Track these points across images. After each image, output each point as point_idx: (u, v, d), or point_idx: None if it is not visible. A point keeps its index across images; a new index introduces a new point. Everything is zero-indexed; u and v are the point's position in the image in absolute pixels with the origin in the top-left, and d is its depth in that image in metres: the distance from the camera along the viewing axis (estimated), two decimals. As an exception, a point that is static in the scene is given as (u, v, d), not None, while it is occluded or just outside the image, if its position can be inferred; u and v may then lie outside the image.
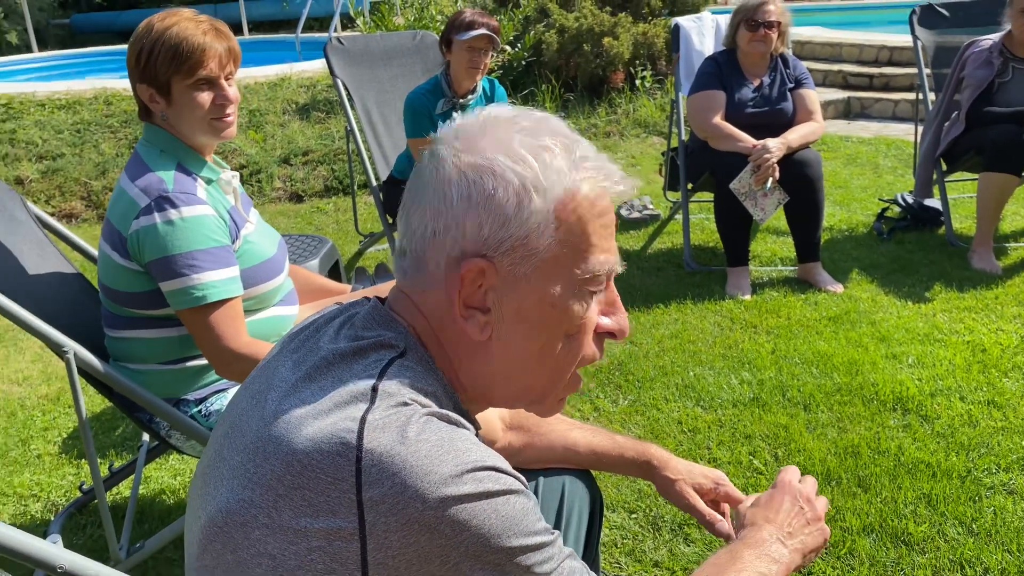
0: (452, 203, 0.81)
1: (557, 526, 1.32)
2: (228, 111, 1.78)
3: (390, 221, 3.74)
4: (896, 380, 2.74)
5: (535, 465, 1.35)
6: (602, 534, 2.05)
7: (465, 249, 0.81)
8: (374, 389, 0.78)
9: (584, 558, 1.36)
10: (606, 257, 0.85)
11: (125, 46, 1.74)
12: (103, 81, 7.01)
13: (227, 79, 1.77)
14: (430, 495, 0.72)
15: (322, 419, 0.76)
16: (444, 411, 0.80)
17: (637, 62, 6.76)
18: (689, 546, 2.04)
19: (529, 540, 0.78)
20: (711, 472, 1.33)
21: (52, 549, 1.01)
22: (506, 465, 0.79)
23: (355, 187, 4.73)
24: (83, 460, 2.55)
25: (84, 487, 2.28)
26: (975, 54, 3.87)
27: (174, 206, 1.67)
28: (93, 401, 2.86)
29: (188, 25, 1.70)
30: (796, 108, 3.70)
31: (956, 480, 2.22)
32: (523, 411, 1.38)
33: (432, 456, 0.73)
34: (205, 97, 1.73)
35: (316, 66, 7.32)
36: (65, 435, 2.71)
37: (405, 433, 0.74)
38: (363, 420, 0.75)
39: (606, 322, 0.90)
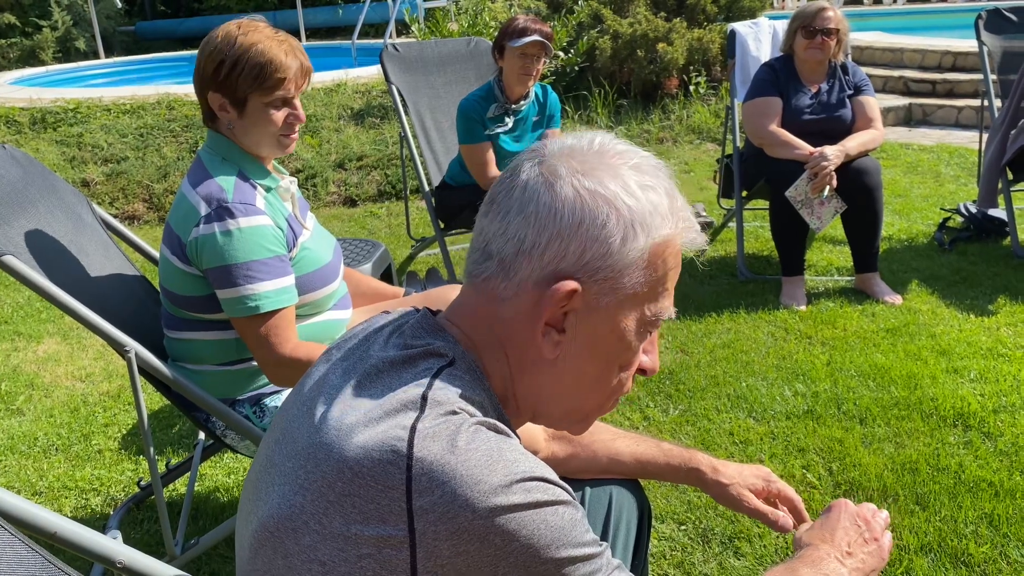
0: (562, 221, 0.82)
1: (604, 536, 1.30)
2: (296, 128, 1.84)
3: (442, 226, 3.77)
4: (957, 395, 2.67)
5: (581, 475, 1.35)
6: (651, 545, 2.03)
7: (562, 268, 0.82)
8: (424, 397, 0.79)
9: (632, 569, 1.35)
10: (669, 302, 0.89)
11: (188, 52, 1.79)
12: (166, 87, 7.21)
13: (297, 97, 1.82)
14: (480, 504, 0.72)
15: (373, 427, 0.77)
16: (491, 420, 0.81)
17: (691, 68, 6.70)
18: (740, 560, 2.01)
19: (578, 551, 0.77)
20: (758, 470, 1.31)
21: (113, 544, 1.03)
22: (554, 475, 0.79)
23: (407, 192, 4.77)
24: (141, 456, 2.61)
25: (142, 483, 2.34)
26: (1044, 60, 3.75)
27: (232, 216, 1.70)
28: (152, 399, 2.93)
29: (272, 44, 1.74)
30: (855, 115, 3.62)
31: (1020, 500, 2.15)
32: None
33: (482, 465, 0.74)
34: (279, 115, 1.78)
35: (371, 72, 7.41)
36: (125, 431, 2.78)
37: (455, 442, 0.75)
38: (413, 428, 0.75)
39: (645, 360, 0.93)
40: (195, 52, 1.84)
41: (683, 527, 2.13)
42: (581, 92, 6.81)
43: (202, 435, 2.39)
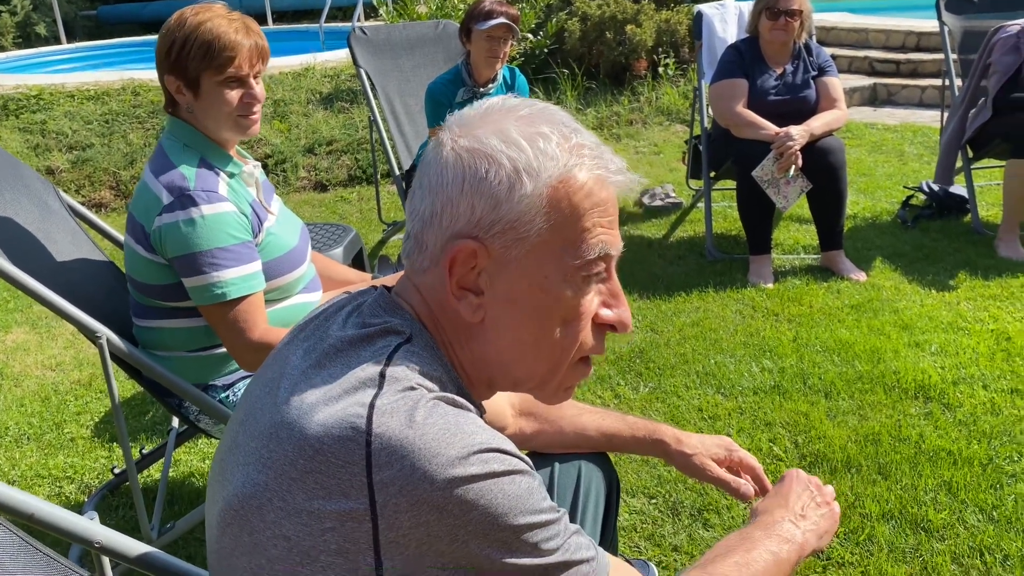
0: (447, 185, 0.84)
1: (574, 510, 1.34)
2: (255, 109, 1.82)
3: (413, 210, 3.77)
4: (918, 368, 2.74)
5: (549, 450, 1.37)
6: (622, 518, 2.08)
7: (458, 230, 0.84)
8: (382, 375, 0.80)
9: (601, 540, 1.38)
10: (597, 240, 0.86)
11: (152, 37, 1.78)
12: (131, 72, 7.10)
13: (255, 77, 1.81)
14: (438, 476, 0.74)
15: (332, 405, 0.78)
16: (450, 395, 0.82)
17: (660, 50, 6.73)
18: (708, 531, 2.06)
19: (534, 518, 0.79)
20: (720, 440, 1.35)
21: (90, 525, 1.05)
22: (511, 446, 0.81)
23: (378, 176, 4.77)
24: (115, 443, 2.61)
25: (116, 469, 2.34)
26: (1003, 40, 3.82)
27: (195, 204, 1.70)
28: (124, 386, 2.92)
29: (221, 22, 1.73)
30: (819, 96, 3.68)
31: (977, 468, 2.22)
32: (532, 397, 1.41)
33: (439, 439, 0.76)
34: (233, 95, 1.77)
35: (340, 56, 7.36)
36: (97, 419, 2.78)
37: (413, 417, 0.76)
38: (372, 405, 0.77)
39: (606, 314, 0.90)
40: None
41: (653, 500, 2.18)
42: (550, 75, 6.81)
43: (176, 421, 2.39)
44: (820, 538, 1.10)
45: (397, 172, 3.85)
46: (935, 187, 4.26)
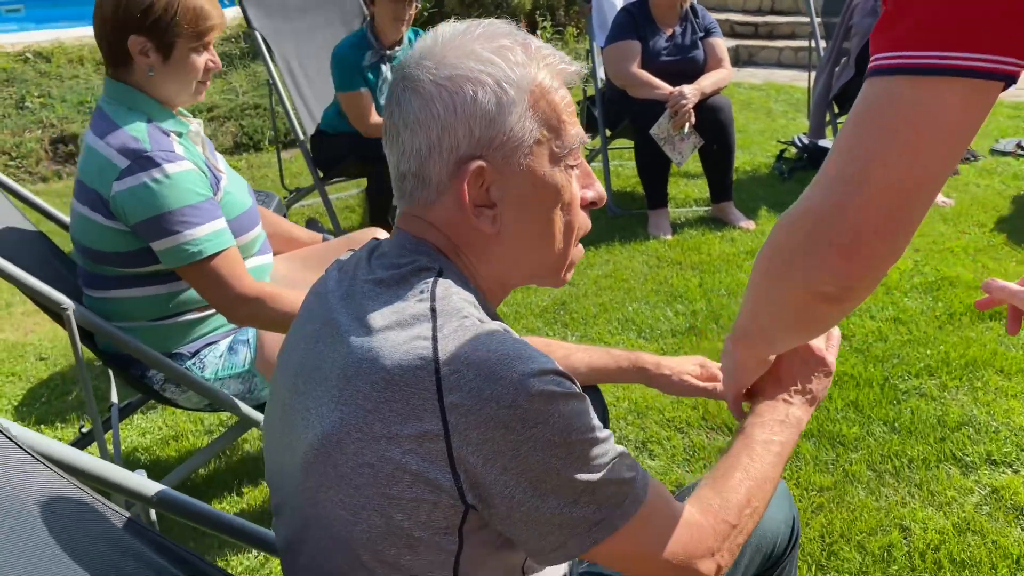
0: (439, 115, 0.90)
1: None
2: (210, 75, 1.84)
3: (321, 176, 3.74)
4: (814, 304, 3.01)
5: None
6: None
7: (462, 154, 0.91)
8: (432, 310, 0.88)
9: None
10: (576, 131, 0.96)
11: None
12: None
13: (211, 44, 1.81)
14: (504, 397, 0.82)
15: (395, 339, 0.85)
16: (501, 323, 0.90)
17: (537, 13, 6.85)
18: (654, 460, 2.23)
19: (588, 435, 0.88)
20: (693, 358, 1.46)
21: (143, 481, 1.07)
22: (564, 371, 0.89)
23: (280, 142, 4.65)
24: (42, 425, 2.51)
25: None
26: (862, 3, 4.16)
27: (156, 165, 1.68)
28: (37, 367, 2.80)
29: None
30: (707, 56, 3.91)
31: (877, 388, 2.50)
32: None
33: (502, 363, 0.84)
34: (201, 61, 1.78)
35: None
36: (15, 403, 2.65)
37: (475, 344, 0.84)
38: (434, 337, 0.85)
39: (588, 193, 1.01)
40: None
41: (600, 438, 2.33)
42: (430, 37, 6.80)
43: (115, 397, 2.33)
44: (814, 405, 1.16)
45: (301, 136, 3.79)
46: (806, 140, 4.62)
